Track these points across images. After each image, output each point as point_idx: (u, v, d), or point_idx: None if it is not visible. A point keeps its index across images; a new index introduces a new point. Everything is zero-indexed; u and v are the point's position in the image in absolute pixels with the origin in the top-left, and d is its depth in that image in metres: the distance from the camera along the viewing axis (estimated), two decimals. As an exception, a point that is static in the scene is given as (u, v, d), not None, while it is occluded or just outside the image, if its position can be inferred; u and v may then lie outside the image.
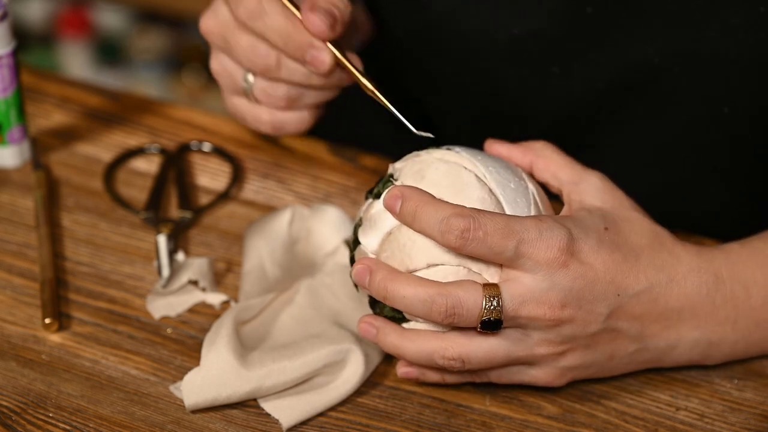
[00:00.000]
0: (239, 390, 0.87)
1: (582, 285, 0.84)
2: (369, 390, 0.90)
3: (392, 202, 0.85)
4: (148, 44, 2.42)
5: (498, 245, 0.83)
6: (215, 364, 0.88)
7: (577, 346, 0.86)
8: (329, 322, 0.93)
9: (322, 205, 1.01)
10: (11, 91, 1.05)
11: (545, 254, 0.83)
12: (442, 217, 0.83)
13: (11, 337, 0.93)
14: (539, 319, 0.84)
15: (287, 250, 0.98)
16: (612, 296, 0.85)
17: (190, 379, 0.88)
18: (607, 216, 0.87)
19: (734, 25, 0.94)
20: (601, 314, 0.85)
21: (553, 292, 0.84)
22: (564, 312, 0.84)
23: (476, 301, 0.83)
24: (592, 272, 0.84)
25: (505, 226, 0.83)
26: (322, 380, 0.89)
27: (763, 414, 0.90)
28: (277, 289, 0.95)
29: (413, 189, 0.85)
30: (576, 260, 0.84)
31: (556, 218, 0.85)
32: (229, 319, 0.91)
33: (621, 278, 0.85)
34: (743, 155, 1.02)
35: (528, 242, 0.83)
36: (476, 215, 0.83)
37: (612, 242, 0.86)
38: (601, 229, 0.86)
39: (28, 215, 1.03)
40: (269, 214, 1.00)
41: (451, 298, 0.83)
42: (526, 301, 0.83)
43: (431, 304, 0.83)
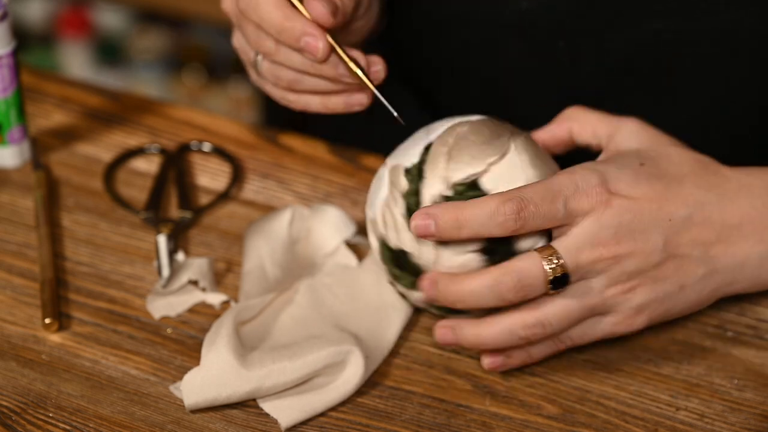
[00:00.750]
0: (239, 390, 0.87)
1: (630, 218, 0.85)
2: (369, 390, 0.90)
3: (424, 227, 0.85)
4: (148, 44, 2.42)
5: (550, 211, 0.84)
6: (215, 364, 0.88)
7: (645, 279, 0.87)
8: (329, 322, 0.93)
9: (322, 205, 1.01)
10: (11, 91, 1.05)
11: (588, 201, 0.85)
12: (490, 211, 0.84)
13: (11, 337, 0.93)
14: (599, 260, 0.85)
15: (287, 250, 0.98)
16: (663, 222, 0.86)
17: (190, 379, 0.88)
18: (642, 153, 0.88)
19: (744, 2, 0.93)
20: (657, 242, 0.86)
21: (604, 231, 0.85)
22: (620, 247, 0.85)
23: (537, 264, 0.84)
24: (636, 204, 0.85)
25: (547, 190, 0.85)
26: (322, 381, 0.89)
27: (763, 414, 0.90)
28: (277, 289, 0.95)
29: (436, 205, 0.86)
30: (617, 197, 0.85)
31: (587, 164, 0.87)
32: (229, 319, 0.91)
33: (667, 204, 0.86)
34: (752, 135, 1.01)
35: (571, 197, 0.85)
36: (519, 194, 0.84)
37: (650, 174, 0.87)
38: (636, 165, 0.87)
39: (28, 215, 1.03)
40: (269, 214, 1.00)
41: (514, 272, 0.84)
42: (581, 248, 0.85)
43: (499, 286, 0.84)
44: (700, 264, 0.88)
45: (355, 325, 0.92)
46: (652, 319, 0.89)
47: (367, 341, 0.91)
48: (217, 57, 2.41)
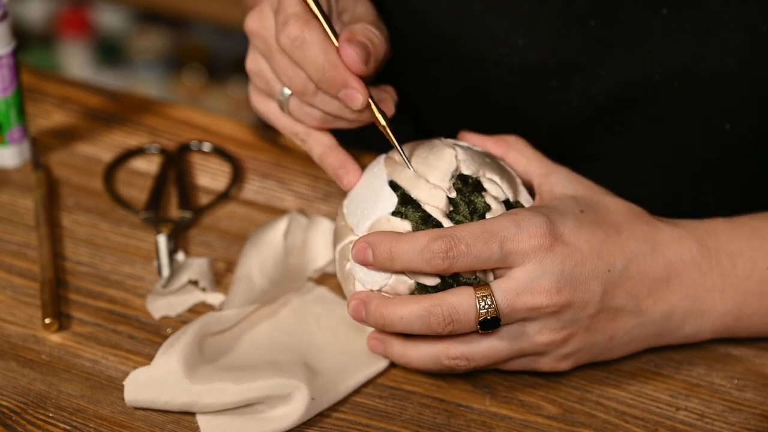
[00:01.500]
0: (177, 399, 0.87)
1: (572, 266, 0.85)
2: (369, 390, 0.90)
3: (362, 255, 0.86)
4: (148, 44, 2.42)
5: (483, 252, 0.84)
6: (162, 368, 0.88)
7: (578, 329, 0.87)
8: (298, 351, 0.92)
9: (319, 217, 1.00)
10: (11, 91, 1.05)
11: (529, 243, 0.84)
12: (420, 247, 0.84)
13: (11, 337, 0.93)
14: (538, 308, 0.85)
15: (279, 262, 0.97)
16: (603, 273, 0.86)
17: (136, 376, 0.88)
18: (580, 201, 0.89)
19: (735, 42, 0.94)
20: (596, 293, 0.86)
21: (545, 278, 0.84)
22: (561, 296, 0.85)
23: (470, 303, 0.84)
24: (578, 252, 0.86)
25: (483, 231, 0.84)
26: (262, 408, 0.88)
27: (763, 414, 0.90)
28: (261, 301, 0.95)
29: (376, 234, 0.86)
30: (560, 242, 0.85)
31: (530, 208, 0.87)
32: (194, 327, 0.90)
33: (607, 254, 0.86)
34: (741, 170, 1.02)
35: (510, 238, 0.84)
36: (452, 232, 0.84)
37: (590, 222, 0.87)
38: (577, 212, 0.88)
39: (28, 215, 1.03)
40: (267, 223, 0.99)
41: (445, 306, 0.84)
42: (520, 293, 0.84)
43: (429, 317, 0.84)
44: (631, 316, 0.88)
45: (323, 362, 0.91)
46: (578, 363, 0.90)
47: (324, 382, 0.89)
48: (217, 57, 2.41)
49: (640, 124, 1.01)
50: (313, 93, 0.92)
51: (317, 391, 0.88)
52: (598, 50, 0.98)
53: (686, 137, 1.00)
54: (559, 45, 0.99)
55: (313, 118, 0.94)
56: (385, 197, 0.89)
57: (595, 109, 1.01)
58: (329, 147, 0.94)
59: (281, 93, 0.94)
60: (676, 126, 1.00)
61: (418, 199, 0.88)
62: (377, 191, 0.89)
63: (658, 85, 0.97)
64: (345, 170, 0.93)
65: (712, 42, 0.94)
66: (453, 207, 0.87)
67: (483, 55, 1.02)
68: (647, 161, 1.03)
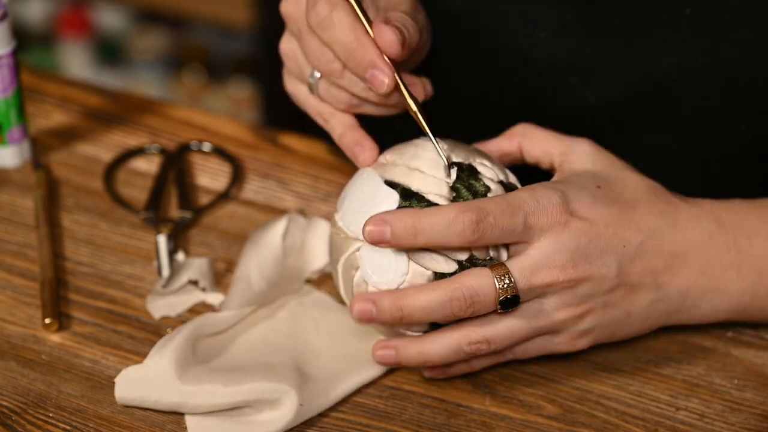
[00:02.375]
0: (166, 399, 0.87)
1: (587, 241, 0.85)
2: (369, 390, 0.90)
3: (378, 233, 0.84)
4: (148, 44, 2.42)
5: (509, 225, 0.84)
6: (153, 367, 0.88)
7: (596, 305, 0.87)
8: (292, 355, 0.91)
9: (317, 219, 1.00)
10: (11, 91, 1.05)
11: (547, 219, 0.85)
12: (449, 220, 0.83)
13: (11, 337, 0.93)
14: (554, 283, 0.85)
15: (277, 263, 0.97)
16: (618, 248, 0.86)
17: (127, 373, 0.88)
18: (597, 175, 0.89)
19: (752, 40, 0.94)
20: (612, 268, 0.86)
21: (561, 253, 0.85)
22: (576, 271, 0.85)
23: (489, 284, 0.84)
24: (593, 228, 0.86)
25: (507, 204, 0.84)
26: (249, 412, 0.88)
27: (763, 414, 0.90)
28: (259, 302, 0.95)
29: (393, 212, 0.85)
30: (575, 218, 0.85)
31: (547, 183, 0.87)
32: (188, 328, 0.90)
33: (623, 230, 0.87)
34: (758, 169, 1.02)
35: (531, 212, 0.84)
36: (479, 204, 0.84)
37: (606, 197, 0.87)
38: (593, 187, 0.87)
39: (28, 215, 1.03)
40: (265, 224, 0.99)
41: (466, 288, 0.84)
42: (536, 270, 0.85)
43: (450, 302, 0.84)
44: (648, 292, 0.88)
45: (316, 368, 0.90)
46: (596, 341, 0.90)
47: (315, 388, 0.88)
48: (217, 57, 2.41)
49: (654, 124, 1.01)
50: (340, 73, 0.92)
51: (307, 397, 0.87)
52: (619, 47, 0.98)
53: (701, 138, 1.00)
54: (581, 40, 0.99)
55: (341, 101, 0.94)
56: (383, 197, 0.88)
57: (610, 108, 1.01)
58: (349, 126, 0.94)
59: (311, 75, 0.94)
60: (691, 126, 1.00)
61: (420, 191, 0.87)
62: (374, 193, 0.89)
63: (675, 84, 0.97)
64: (361, 147, 0.92)
65: (730, 42, 0.94)
66: (455, 193, 0.87)
67: (503, 48, 1.02)
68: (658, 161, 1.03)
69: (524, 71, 1.02)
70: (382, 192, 0.89)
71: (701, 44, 0.95)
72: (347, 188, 0.91)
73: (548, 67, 1.01)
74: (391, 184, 0.89)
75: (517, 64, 1.02)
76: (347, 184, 0.92)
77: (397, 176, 0.89)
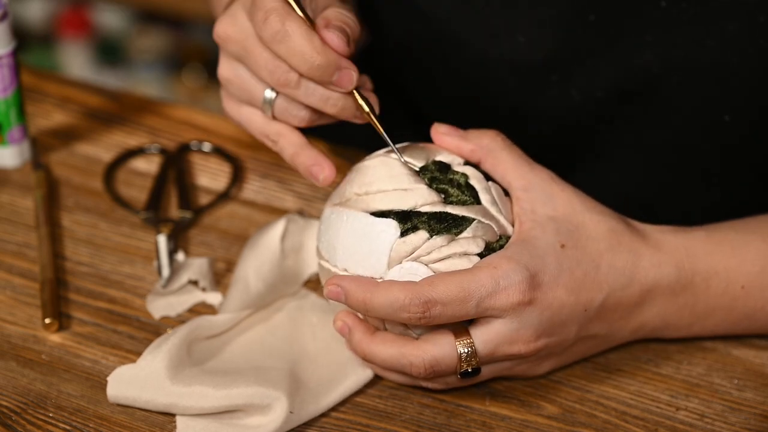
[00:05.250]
0: (157, 400, 0.87)
1: (549, 314, 0.86)
2: (369, 390, 0.90)
3: (335, 296, 0.86)
4: (148, 44, 2.42)
5: (459, 311, 0.84)
6: (146, 368, 0.88)
7: (552, 356, 0.89)
8: (287, 359, 0.91)
9: (315, 221, 1.00)
10: (11, 91, 1.05)
11: (508, 301, 0.84)
12: (398, 306, 0.84)
13: (11, 337, 0.93)
14: (516, 355, 0.86)
15: (276, 265, 0.96)
16: (580, 313, 0.87)
17: (120, 372, 0.88)
18: (561, 228, 0.88)
19: (733, 33, 0.94)
20: (571, 332, 0.88)
21: (524, 329, 0.85)
22: (538, 343, 0.86)
23: (452, 355, 0.85)
24: (557, 300, 0.86)
25: (460, 290, 0.84)
26: (240, 415, 0.88)
27: (763, 414, 0.90)
28: (257, 305, 0.94)
29: (350, 280, 0.85)
30: (540, 293, 0.85)
31: (511, 255, 0.85)
32: (185, 329, 0.90)
33: (585, 295, 0.87)
34: (742, 161, 1.02)
35: (487, 297, 0.84)
36: (428, 292, 0.83)
37: (571, 259, 0.87)
38: (558, 249, 0.87)
39: (28, 215, 1.03)
40: (264, 227, 0.99)
41: (427, 358, 0.85)
42: (499, 344, 0.86)
43: (410, 366, 0.86)
44: (603, 338, 0.90)
45: (311, 373, 0.90)
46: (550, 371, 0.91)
47: (307, 395, 0.88)
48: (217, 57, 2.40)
49: (640, 118, 1.01)
50: (297, 84, 0.91)
51: (298, 404, 0.87)
52: (598, 44, 0.98)
53: (686, 130, 1.00)
54: (559, 40, 0.99)
55: (301, 119, 0.93)
56: (382, 229, 0.87)
57: (596, 105, 1.01)
58: (300, 146, 0.93)
59: (263, 96, 0.92)
60: (677, 119, 1.00)
61: (413, 208, 0.87)
62: (369, 230, 0.87)
63: (658, 77, 0.97)
64: (320, 167, 0.92)
65: (710, 33, 0.94)
66: (444, 194, 0.88)
67: (483, 53, 1.02)
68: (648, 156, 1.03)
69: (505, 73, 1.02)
70: (378, 225, 0.87)
71: (679, 36, 0.95)
72: (331, 236, 0.89)
73: (529, 67, 1.01)
74: (377, 214, 0.87)
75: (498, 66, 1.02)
76: (325, 231, 0.90)
77: (384, 203, 0.87)
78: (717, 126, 0.99)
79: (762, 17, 0.92)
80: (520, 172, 0.90)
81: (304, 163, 0.92)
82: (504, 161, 0.90)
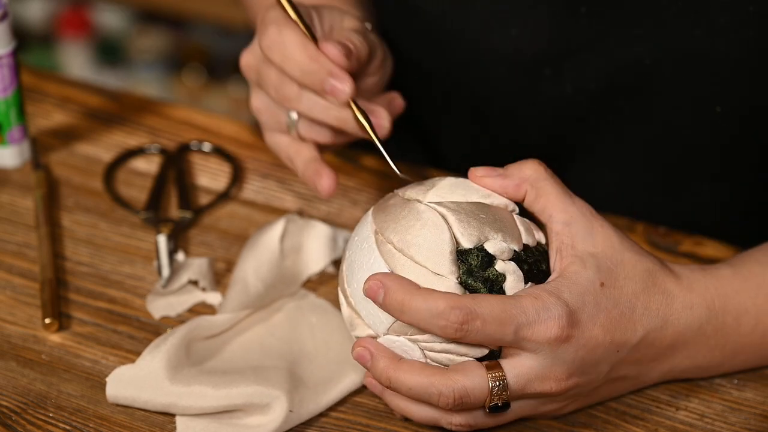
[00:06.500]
0: (156, 400, 0.87)
1: (584, 354, 0.84)
2: (369, 390, 0.90)
3: (373, 293, 0.83)
4: (148, 44, 2.42)
5: (496, 333, 0.81)
6: (146, 368, 0.88)
7: (579, 398, 0.87)
8: (287, 359, 0.91)
9: (314, 221, 1.00)
10: (11, 91, 1.05)
11: (545, 335, 0.82)
12: (437, 312, 0.81)
13: (11, 337, 0.93)
14: (546, 393, 0.84)
15: (275, 265, 0.96)
16: (612, 354, 0.85)
17: (120, 372, 0.88)
18: (601, 265, 0.85)
19: (723, 24, 0.94)
20: (602, 372, 0.86)
21: (557, 366, 0.83)
22: (569, 382, 0.84)
23: (482, 387, 0.82)
24: (593, 340, 0.84)
25: (502, 311, 0.81)
26: (239, 415, 0.88)
27: (763, 414, 0.90)
28: (255, 305, 0.94)
29: (393, 278, 0.83)
30: (577, 331, 0.83)
31: (552, 290, 0.83)
32: (184, 329, 0.90)
33: (620, 335, 0.85)
34: (735, 152, 1.02)
35: (526, 326, 0.82)
36: (472, 305, 0.81)
37: (609, 299, 0.85)
38: (597, 287, 0.85)
39: (28, 215, 1.03)
40: (264, 227, 0.99)
41: (458, 388, 0.82)
42: (531, 379, 0.83)
43: (438, 396, 0.82)
44: (632, 380, 0.89)
45: (310, 372, 0.90)
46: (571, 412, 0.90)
47: (306, 394, 0.88)
48: (217, 57, 2.41)
49: (632, 111, 1.01)
50: (297, 97, 0.92)
51: (298, 403, 0.87)
52: (590, 37, 0.98)
53: (679, 122, 1.00)
54: (552, 33, 0.99)
55: (323, 135, 0.94)
56: None
57: (589, 98, 1.01)
58: (310, 160, 0.95)
59: (288, 117, 0.95)
60: (669, 111, 1.00)
61: None
62: None
63: (649, 70, 0.97)
64: (319, 176, 0.94)
65: (699, 24, 0.94)
66: (471, 292, 0.83)
67: (475, 47, 1.02)
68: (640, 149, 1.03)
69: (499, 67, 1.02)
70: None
71: (669, 28, 0.95)
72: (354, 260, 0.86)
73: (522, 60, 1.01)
74: None
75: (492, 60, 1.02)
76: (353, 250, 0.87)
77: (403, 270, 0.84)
78: (709, 118, 0.99)
79: (752, 7, 0.92)
80: (562, 205, 0.87)
81: (309, 174, 0.94)
82: (547, 193, 0.88)
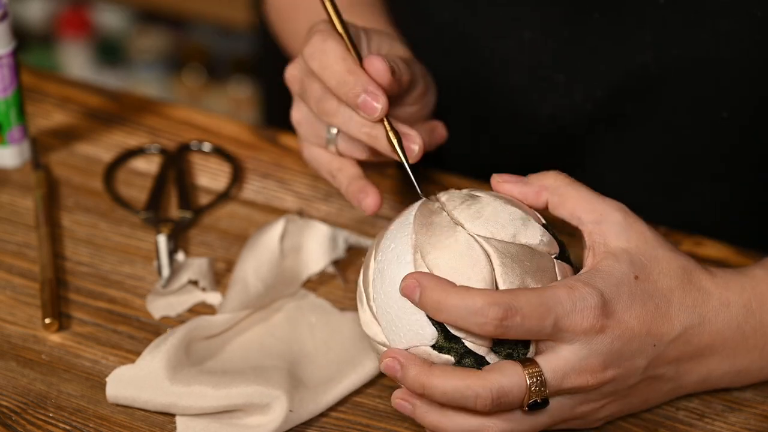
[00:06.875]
0: (157, 400, 0.87)
1: (620, 345, 0.83)
2: (369, 390, 0.90)
3: (410, 292, 0.81)
4: (148, 44, 2.42)
5: (536, 326, 0.80)
6: (146, 368, 0.88)
7: (617, 397, 0.86)
8: (286, 359, 0.91)
9: (314, 221, 1.00)
10: (11, 91, 1.05)
11: (582, 324, 0.81)
12: (475, 309, 0.79)
13: (11, 337, 0.93)
14: (583, 387, 0.83)
15: (275, 265, 0.96)
16: (649, 347, 0.84)
17: (120, 372, 0.88)
18: (634, 260, 0.85)
19: (728, 29, 0.94)
20: (639, 367, 0.84)
21: (593, 357, 0.82)
22: (605, 374, 0.83)
23: (520, 385, 0.81)
24: (628, 331, 0.83)
25: (540, 304, 0.80)
26: (239, 415, 0.88)
27: (763, 414, 0.90)
28: (255, 305, 0.94)
29: (430, 278, 0.81)
30: (612, 321, 0.82)
31: (586, 280, 0.83)
32: (184, 329, 0.90)
33: (656, 328, 0.84)
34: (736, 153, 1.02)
35: (564, 316, 0.81)
36: (511, 300, 0.80)
37: (644, 292, 0.84)
38: (632, 280, 0.84)
39: (28, 215, 1.03)
40: (263, 227, 0.99)
41: (495, 388, 0.81)
42: (568, 373, 0.82)
43: (475, 398, 0.81)
44: (669, 381, 0.87)
45: (310, 372, 0.90)
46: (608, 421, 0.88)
47: (306, 394, 0.88)
48: (217, 57, 2.41)
49: (639, 117, 1.01)
50: (335, 112, 0.91)
51: (298, 402, 0.87)
52: (600, 43, 0.98)
53: (685, 128, 1.00)
54: (564, 38, 0.99)
55: (361, 151, 0.93)
56: (424, 322, 0.83)
57: (597, 104, 1.01)
58: (354, 177, 0.93)
59: (328, 132, 0.93)
60: (675, 117, 1.00)
61: (460, 335, 0.82)
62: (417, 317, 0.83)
63: (656, 75, 0.97)
64: (365, 194, 0.92)
65: (705, 29, 0.95)
66: (497, 346, 0.82)
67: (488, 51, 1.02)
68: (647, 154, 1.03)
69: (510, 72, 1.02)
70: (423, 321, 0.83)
71: (676, 34, 0.96)
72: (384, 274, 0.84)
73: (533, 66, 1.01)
74: None
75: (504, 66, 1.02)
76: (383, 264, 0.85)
77: None
78: (716, 123, 0.99)
79: (758, 12, 0.93)
80: (590, 205, 0.87)
81: (353, 191, 0.92)
82: (571, 197, 0.87)
